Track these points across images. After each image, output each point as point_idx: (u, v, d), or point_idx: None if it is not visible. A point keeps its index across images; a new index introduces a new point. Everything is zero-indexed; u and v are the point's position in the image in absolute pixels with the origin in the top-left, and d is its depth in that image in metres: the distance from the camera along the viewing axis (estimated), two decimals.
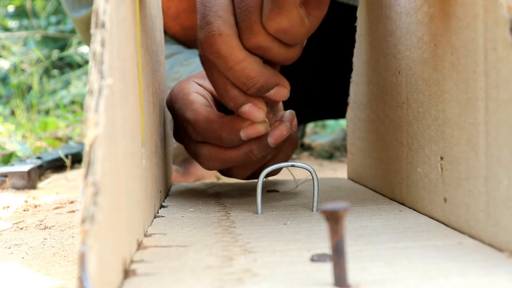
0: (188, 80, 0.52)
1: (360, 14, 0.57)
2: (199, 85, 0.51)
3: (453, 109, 0.37)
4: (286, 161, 0.51)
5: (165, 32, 0.81)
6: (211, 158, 0.48)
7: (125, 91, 0.32)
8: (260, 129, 0.45)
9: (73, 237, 0.51)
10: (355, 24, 0.59)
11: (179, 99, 0.50)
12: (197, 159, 0.50)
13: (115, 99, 0.28)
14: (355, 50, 0.59)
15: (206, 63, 0.43)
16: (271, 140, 0.46)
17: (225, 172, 0.52)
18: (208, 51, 0.41)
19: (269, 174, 0.52)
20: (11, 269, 0.42)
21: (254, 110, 0.44)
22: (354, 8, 0.61)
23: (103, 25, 0.27)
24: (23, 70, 2.34)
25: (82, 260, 0.22)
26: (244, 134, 0.45)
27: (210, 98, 0.51)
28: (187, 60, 0.76)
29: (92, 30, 0.27)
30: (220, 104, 0.52)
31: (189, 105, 0.48)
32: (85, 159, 0.24)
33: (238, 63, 0.41)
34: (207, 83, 0.51)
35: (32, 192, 0.79)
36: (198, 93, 0.50)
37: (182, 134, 0.51)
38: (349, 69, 0.61)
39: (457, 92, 0.36)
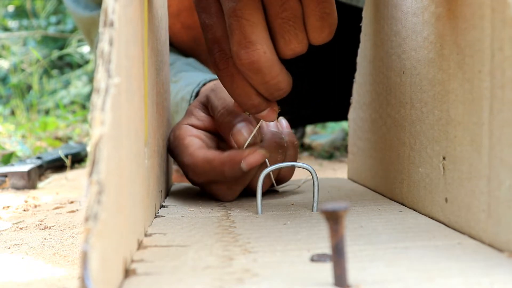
0: (179, 125, 0.53)
1: (366, 14, 0.57)
2: (192, 126, 0.52)
3: (457, 109, 0.37)
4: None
5: None
6: (223, 194, 0.51)
7: (131, 91, 0.32)
8: (259, 157, 0.46)
9: (73, 237, 0.51)
10: (358, 26, 0.59)
11: (176, 147, 0.52)
12: (216, 196, 0.52)
13: (121, 98, 0.28)
14: (359, 50, 0.59)
15: (231, 72, 0.43)
16: (243, 165, 0.46)
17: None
18: (247, 66, 0.41)
19: (280, 180, 0.54)
20: (11, 269, 0.42)
21: (271, 114, 0.45)
22: (356, 10, 0.61)
23: (111, 24, 0.27)
24: (23, 70, 2.34)
25: (84, 258, 0.22)
26: (244, 164, 0.46)
27: (205, 136, 0.52)
28: (176, 76, 0.75)
29: (101, 29, 0.27)
30: (214, 134, 0.53)
31: (185, 150, 0.50)
32: (90, 157, 0.24)
33: (274, 78, 0.42)
34: (199, 122, 0.52)
35: (32, 192, 0.79)
36: (192, 136, 0.51)
37: (187, 178, 0.52)
38: (350, 72, 0.61)
39: (462, 92, 0.36)
